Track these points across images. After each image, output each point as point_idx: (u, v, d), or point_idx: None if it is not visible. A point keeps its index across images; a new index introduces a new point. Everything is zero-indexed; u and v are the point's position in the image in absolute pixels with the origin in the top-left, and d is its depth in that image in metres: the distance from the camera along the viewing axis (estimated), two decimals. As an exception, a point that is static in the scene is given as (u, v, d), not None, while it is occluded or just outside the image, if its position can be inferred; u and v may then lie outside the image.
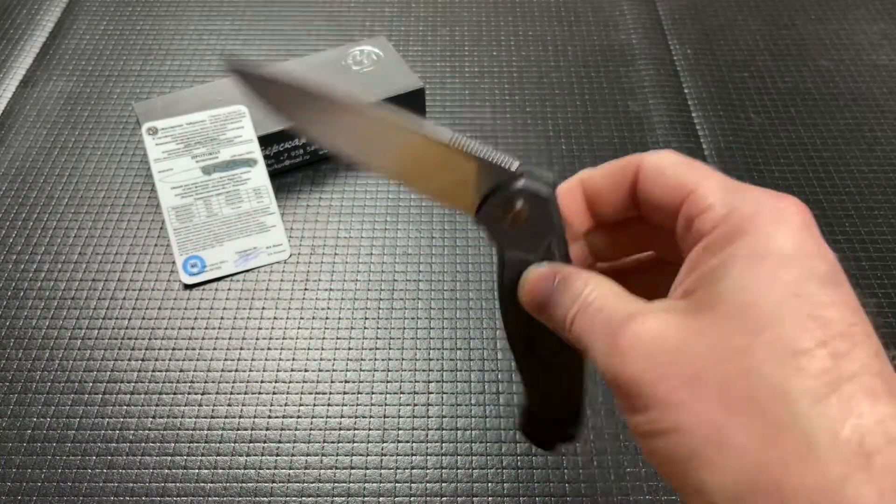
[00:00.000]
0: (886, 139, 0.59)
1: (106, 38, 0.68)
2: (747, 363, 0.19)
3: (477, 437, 0.42)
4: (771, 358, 0.19)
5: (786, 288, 0.20)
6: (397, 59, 0.58)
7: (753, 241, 0.21)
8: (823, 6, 0.72)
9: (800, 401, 0.18)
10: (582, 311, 0.23)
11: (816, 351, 0.19)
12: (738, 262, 0.20)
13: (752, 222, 0.21)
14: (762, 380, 0.19)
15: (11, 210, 0.53)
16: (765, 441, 0.19)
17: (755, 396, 0.19)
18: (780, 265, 0.20)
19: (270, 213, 0.52)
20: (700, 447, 0.19)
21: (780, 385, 0.19)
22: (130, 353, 0.45)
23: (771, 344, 0.19)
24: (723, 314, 0.20)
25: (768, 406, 0.19)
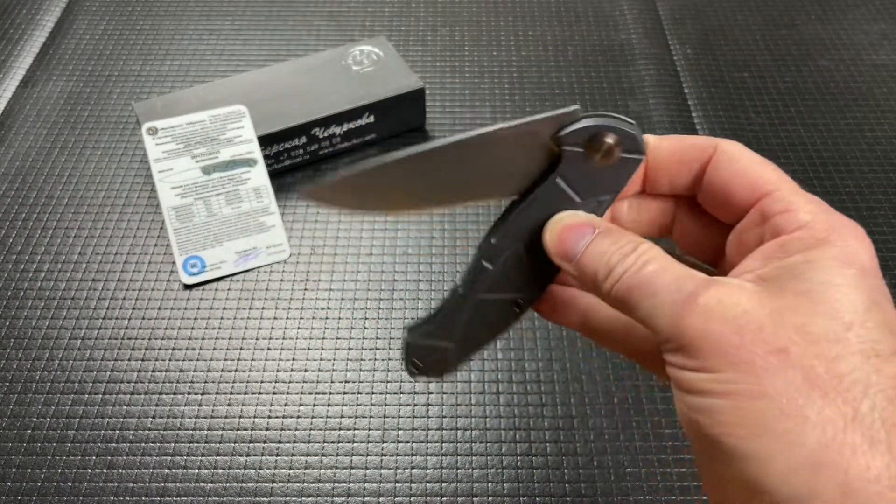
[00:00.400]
0: (886, 139, 0.59)
1: (106, 38, 0.68)
2: (836, 350, 0.20)
3: (477, 437, 0.42)
4: (858, 352, 0.20)
5: (869, 295, 0.21)
6: (397, 59, 0.58)
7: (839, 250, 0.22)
8: (823, 6, 0.72)
9: (878, 395, 0.19)
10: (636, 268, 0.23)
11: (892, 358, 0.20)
12: (827, 263, 0.22)
13: (836, 235, 0.22)
14: (848, 368, 0.20)
15: (11, 210, 0.53)
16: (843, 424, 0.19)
17: (841, 382, 0.20)
18: (863, 275, 0.22)
19: (270, 213, 0.52)
20: (776, 418, 0.20)
21: (864, 377, 0.20)
22: (130, 353, 0.45)
23: (857, 340, 0.20)
24: (813, 301, 0.21)
25: (850, 392, 0.20)
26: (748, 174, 0.25)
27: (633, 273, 0.23)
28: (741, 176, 0.25)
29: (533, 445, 0.42)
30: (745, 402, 0.20)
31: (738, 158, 0.25)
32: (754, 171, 0.25)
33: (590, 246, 0.25)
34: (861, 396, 0.20)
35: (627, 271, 0.23)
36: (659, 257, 0.23)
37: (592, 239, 0.25)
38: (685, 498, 0.39)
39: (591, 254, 0.25)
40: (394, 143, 0.58)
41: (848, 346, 0.20)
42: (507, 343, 0.46)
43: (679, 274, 0.23)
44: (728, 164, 0.25)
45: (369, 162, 0.26)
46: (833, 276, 0.21)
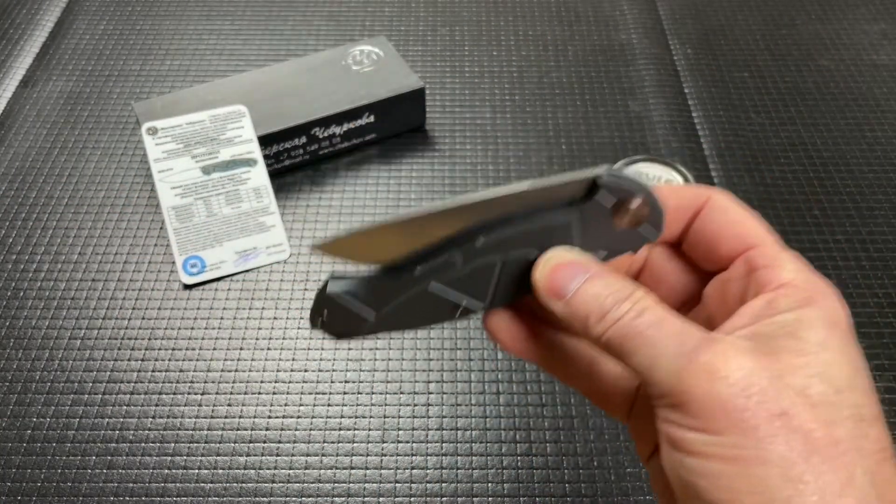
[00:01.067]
0: (886, 139, 0.59)
1: (106, 38, 0.68)
2: (832, 415, 0.21)
3: (477, 437, 0.42)
4: (850, 418, 0.21)
5: (854, 358, 0.22)
6: (397, 59, 0.58)
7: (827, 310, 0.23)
8: (823, 6, 0.72)
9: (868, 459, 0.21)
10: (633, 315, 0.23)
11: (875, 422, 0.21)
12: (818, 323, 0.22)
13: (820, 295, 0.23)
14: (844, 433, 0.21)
15: (11, 210, 0.53)
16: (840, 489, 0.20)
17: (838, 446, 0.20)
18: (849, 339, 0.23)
19: (270, 213, 0.52)
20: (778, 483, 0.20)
21: (856, 443, 0.21)
22: (130, 353, 0.45)
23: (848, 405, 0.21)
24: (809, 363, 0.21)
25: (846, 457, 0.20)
26: (737, 226, 0.25)
27: (629, 320, 0.23)
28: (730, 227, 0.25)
29: (533, 445, 0.42)
30: (749, 469, 0.20)
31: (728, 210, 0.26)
32: (743, 223, 0.25)
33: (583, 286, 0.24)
34: (856, 461, 0.20)
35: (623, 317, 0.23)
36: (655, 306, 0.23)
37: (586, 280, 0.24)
38: None
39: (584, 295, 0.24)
40: (394, 143, 0.58)
41: (841, 410, 0.21)
42: (507, 343, 0.46)
43: (678, 328, 0.23)
44: (719, 216, 0.26)
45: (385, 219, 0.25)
46: (825, 336, 0.22)
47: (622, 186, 0.25)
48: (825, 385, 0.21)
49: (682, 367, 0.22)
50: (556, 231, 0.25)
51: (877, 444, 0.21)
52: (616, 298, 0.24)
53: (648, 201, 0.25)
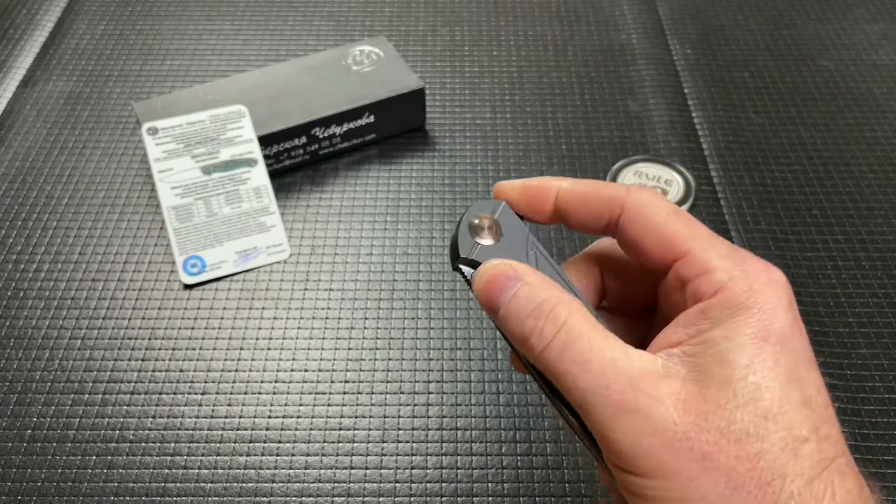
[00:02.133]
0: (886, 139, 0.59)
1: (106, 38, 0.68)
2: (757, 447, 0.21)
3: (477, 437, 0.42)
4: (777, 443, 0.21)
5: (786, 374, 0.22)
6: (397, 59, 0.58)
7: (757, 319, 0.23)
8: (823, 6, 0.72)
9: (795, 482, 0.21)
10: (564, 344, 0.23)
11: (810, 437, 0.22)
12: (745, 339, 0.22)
13: (752, 299, 0.23)
14: (768, 462, 0.21)
15: (11, 210, 0.53)
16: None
17: (761, 478, 0.21)
18: (781, 350, 0.22)
19: (270, 213, 0.52)
20: None
21: (782, 468, 0.21)
22: (130, 353, 0.45)
23: (777, 429, 0.21)
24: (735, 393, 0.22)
25: (770, 486, 0.21)
26: (659, 231, 0.25)
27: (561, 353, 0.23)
28: (652, 234, 0.25)
29: (533, 445, 0.42)
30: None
31: (647, 214, 0.25)
32: (666, 226, 0.25)
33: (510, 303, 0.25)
34: (780, 488, 0.21)
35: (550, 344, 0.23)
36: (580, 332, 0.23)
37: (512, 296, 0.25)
38: None
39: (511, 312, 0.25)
40: (394, 143, 0.58)
41: (767, 438, 0.21)
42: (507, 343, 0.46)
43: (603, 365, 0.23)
44: (639, 221, 0.25)
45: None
46: (752, 357, 0.22)
47: (460, 257, 0.27)
48: (751, 415, 0.22)
49: (609, 417, 0.22)
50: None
51: (808, 460, 0.21)
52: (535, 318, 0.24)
53: (468, 224, 0.27)
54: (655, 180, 0.54)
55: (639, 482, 0.22)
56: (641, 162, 0.56)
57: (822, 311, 0.48)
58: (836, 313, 0.48)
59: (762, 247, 0.51)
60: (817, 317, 0.47)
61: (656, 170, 0.55)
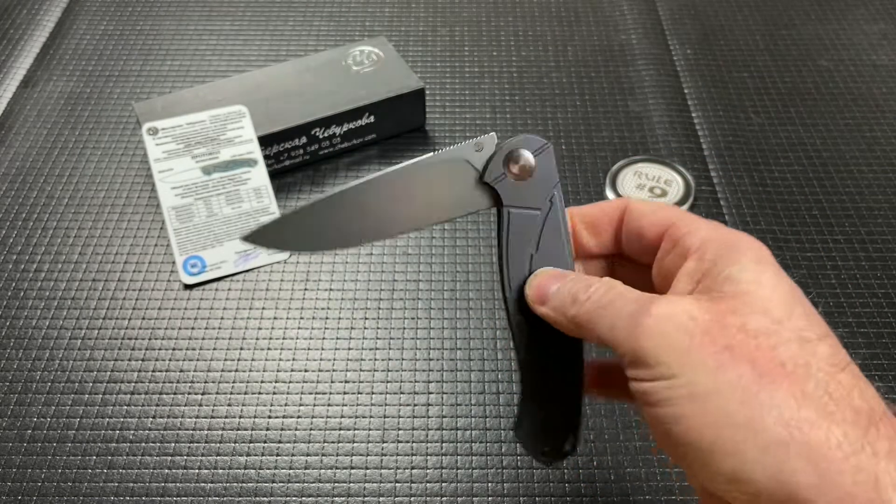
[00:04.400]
0: (886, 139, 0.59)
1: (106, 38, 0.68)
2: (774, 341, 0.22)
3: (477, 437, 0.42)
4: (793, 339, 0.22)
5: (789, 291, 0.24)
6: (397, 59, 0.58)
7: (753, 252, 0.25)
8: (823, 6, 0.72)
9: (819, 373, 0.22)
10: (597, 295, 0.26)
11: (821, 341, 0.23)
12: (747, 263, 0.24)
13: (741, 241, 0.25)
14: (788, 354, 0.22)
15: (11, 210, 0.53)
16: (796, 402, 0.21)
17: (785, 367, 0.22)
18: (780, 273, 0.25)
19: (270, 214, 0.52)
20: (736, 409, 0.22)
21: (804, 361, 0.22)
22: (130, 353, 0.45)
23: (791, 331, 0.23)
24: (745, 302, 0.23)
25: (796, 375, 0.22)
26: (654, 216, 0.29)
27: (595, 299, 0.26)
28: (648, 218, 0.29)
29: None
30: (706, 401, 0.22)
31: (643, 208, 0.29)
32: (658, 212, 0.29)
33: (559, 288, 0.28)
34: (805, 377, 0.22)
35: (590, 298, 0.26)
36: (617, 284, 0.26)
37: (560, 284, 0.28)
38: (685, 498, 0.39)
39: (560, 292, 0.28)
40: (394, 143, 0.58)
41: (782, 336, 0.23)
42: (507, 343, 0.46)
43: (631, 296, 0.25)
44: (637, 215, 0.29)
45: (302, 204, 0.29)
46: (757, 274, 0.24)
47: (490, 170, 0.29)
48: (764, 318, 0.23)
49: (634, 325, 0.24)
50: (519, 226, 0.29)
51: (826, 360, 0.22)
52: (584, 285, 0.27)
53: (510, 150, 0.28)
54: (655, 180, 0.54)
55: (667, 385, 0.23)
56: (641, 162, 0.56)
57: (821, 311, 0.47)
58: (836, 313, 0.48)
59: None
60: (817, 317, 0.47)
61: (656, 170, 0.55)
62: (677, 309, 0.24)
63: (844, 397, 0.22)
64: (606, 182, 0.54)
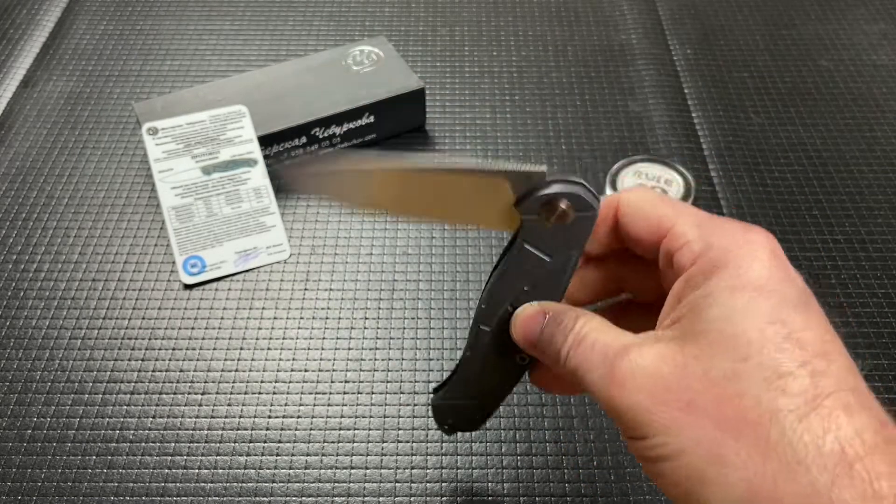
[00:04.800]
0: (886, 139, 0.59)
1: (106, 38, 0.68)
2: (737, 387, 0.21)
3: (477, 437, 0.42)
4: (758, 381, 0.21)
5: (764, 316, 0.22)
6: (397, 59, 0.58)
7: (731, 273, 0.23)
8: (823, 6, 0.72)
9: (787, 418, 0.20)
10: (576, 345, 0.25)
11: (798, 371, 0.21)
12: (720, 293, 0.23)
13: (727, 256, 0.23)
14: (752, 401, 0.21)
15: (11, 210, 0.53)
16: (760, 456, 0.20)
17: (747, 417, 0.21)
18: (758, 295, 0.22)
19: (270, 213, 0.52)
20: (703, 467, 0.21)
21: (769, 405, 0.21)
22: (130, 353, 0.45)
23: (757, 368, 0.21)
24: (711, 342, 0.22)
25: (759, 425, 0.21)
26: (649, 217, 0.27)
27: (574, 351, 0.25)
28: (643, 220, 0.27)
29: (533, 445, 0.42)
30: (677, 459, 0.22)
31: (638, 205, 0.27)
32: (653, 211, 0.27)
33: (541, 333, 0.27)
34: (769, 426, 0.20)
35: (570, 349, 0.26)
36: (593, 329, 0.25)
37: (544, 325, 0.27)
38: None
39: (544, 341, 0.27)
40: (394, 144, 0.58)
41: (747, 378, 0.21)
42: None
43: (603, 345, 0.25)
44: (631, 213, 0.27)
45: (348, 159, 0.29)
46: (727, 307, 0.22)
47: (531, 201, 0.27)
48: (727, 361, 0.22)
49: (605, 386, 0.24)
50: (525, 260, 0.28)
51: (800, 397, 0.21)
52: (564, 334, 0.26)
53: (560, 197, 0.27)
54: (655, 180, 0.54)
55: (643, 444, 0.23)
56: (641, 162, 0.56)
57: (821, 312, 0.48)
58: (836, 313, 0.48)
59: (762, 247, 0.51)
60: (817, 317, 0.47)
61: (656, 170, 0.55)
62: (640, 368, 0.23)
63: (813, 442, 0.20)
64: (606, 182, 0.54)
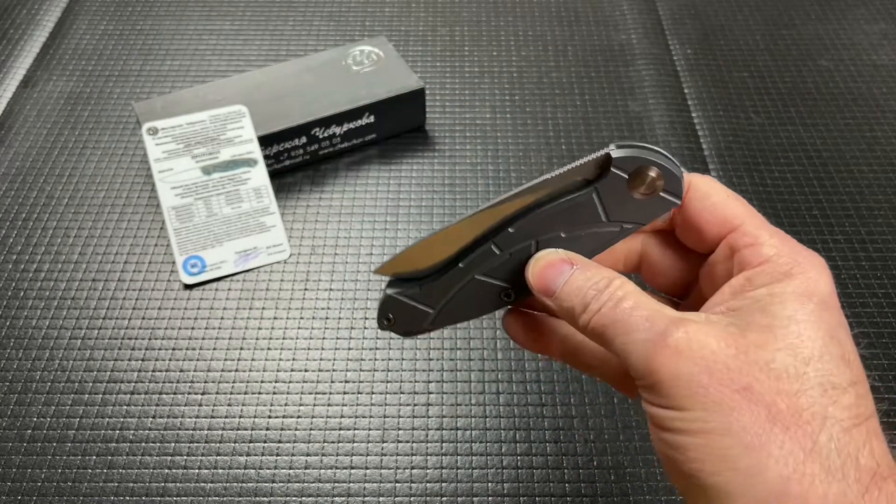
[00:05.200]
0: (886, 139, 0.59)
1: (106, 38, 0.68)
2: (797, 386, 0.22)
3: (477, 437, 0.42)
4: (816, 386, 0.22)
5: (828, 330, 0.23)
6: (397, 59, 0.58)
7: (801, 283, 0.23)
8: (823, 6, 0.72)
9: (834, 427, 0.21)
10: (611, 305, 0.25)
11: (848, 389, 0.22)
12: (789, 297, 0.23)
13: (798, 268, 0.24)
14: (808, 402, 0.21)
15: (11, 210, 0.53)
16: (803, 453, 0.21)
17: (801, 415, 0.21)
18: (824, 308, 0.23)
19: (270, 213, 0.52)
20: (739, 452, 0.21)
21: (822, 410, 0.21)
22: (130, 353, 0.45)
23: (816, 374, 0.22)
24: (777, 337, 0.22)
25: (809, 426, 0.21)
26: (718, 209, 0.26)
27: (608, 309, 0.25)
28: (711, 211, 0.26)
29: (533, 445, 0.42)
30: (713, 440, 0.22)
31: (710, 194, 0.27)
32: (724, 205, 0.26)
33: (568, 282, 0.26)
34: (819, 429, 0.21)
35: (603, 307, 0.25)
36: (633, 293, 0.25)
37: (570, 276, 0.26)
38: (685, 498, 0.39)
39: (568, 290, 0.26)
40: (394, 143, 0.58)
41: (807, 380, 0.22)
42: (506, 343, 0.46)
43: (651, 311, 0.24)
44: (700, 200, 0.27)
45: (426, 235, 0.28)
46: (795, 310, 0.23)
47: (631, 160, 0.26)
48: (791, 357, 0.22)
49: (651, 349, 0.23)
50: (580, 209, 0.27)
51: (847, 411, 0.21)
52: (597, 289, 0.25)
53: (661, 171, 0.26)
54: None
55: (678, 416, 0.22)
56: (641, 162, 0.56)
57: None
58: (836, 313, 0.48)
59: (762, 247, 0.51)
60: (817, 317, 0.47)
61: (656, 170, 0.55)
62: (698, 340, 0.23)
63: (853, 453, 0.21)
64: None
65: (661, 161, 0.26)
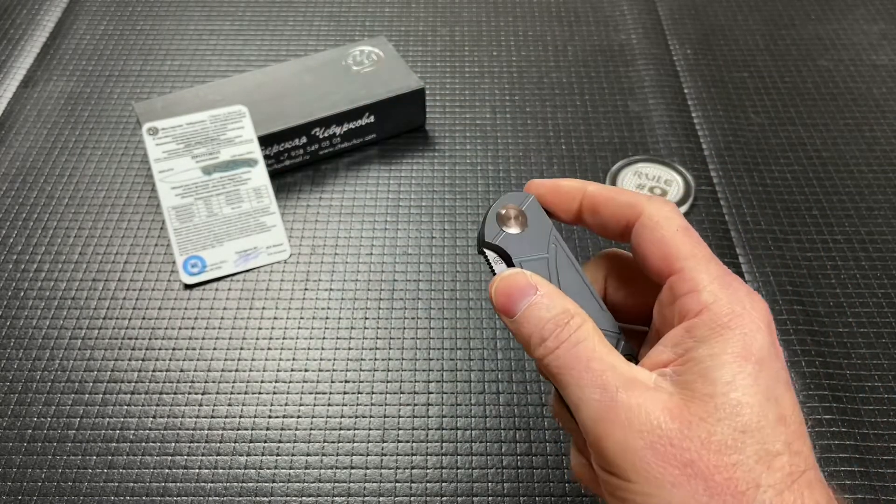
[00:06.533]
0: (886, 139, 0.59)
1: (106, 38, 0.68)
2: (734, 458, 0.23)
3: (477, 437, 0.42)
4: (753, 455, 0.23)
5: (764, 392, 0.24)
6: (397, 59, 0.58)
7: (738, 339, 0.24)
8: (823, 6, 0.72)
9: (768, 492, 0.22)
10: (568, 346, 0.25)
11: (783, 451, 0.23)
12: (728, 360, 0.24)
13: (734, 321, 0.24)
14: (743, 473, 0.23)
15: (11, 210, 0.53)
16: None
17: (737, 487, 0.22)
18: (760, 369, 0.24)
19: (270, 213, 0.52)
20: None
21: (756, 479, 0.23)
22: (130, 353, 0.45)
23: (753, 443, 0.23)
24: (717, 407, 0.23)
25: (745, 496, 0.22)
26: (662, 245, 0.27)
27: (564, 351, 0.25)
28: (658, 245, 0.27)
29: (533, 445, 0.42)
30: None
31: (659, 226, 0.27)
32: (670, 242, 0.27)
33: (528, 309, 0.27)
34: (753, 497, 0.22)
35: (560, 347, 0.26)
36: (591, 335, 0.26)
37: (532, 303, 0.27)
38: None
39: (528, 316, 0.27)
40: (394, 143, 0.58)
41: (744, 451, 0.23)
42: (507, 343, 0.46)
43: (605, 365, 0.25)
44: (649, 231, 0.27)
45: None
46: (734, 374, 0.24)
47: (481, 236, 0.29)
48: (730, 429, 0.23)
49: (602, 414, 0.24)
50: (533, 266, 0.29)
51: (780, 473, 0.23)
52: (555, 324, 0.26)
53: (496, 213, 0.29)
54: (655, 180, 0.54)
55: (623, 486, 0.23)
56: (641, 162, 0.56)
57: (822, 311, 0.48)
58: (836, 313, 0.48)
59: (762, 247, 0.51)
60: (817, 317, 0.47)
61: (656, 170, 0.55)
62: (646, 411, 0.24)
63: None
64: (606, 182, 0.54)
65: (493, 207, 0.29)
